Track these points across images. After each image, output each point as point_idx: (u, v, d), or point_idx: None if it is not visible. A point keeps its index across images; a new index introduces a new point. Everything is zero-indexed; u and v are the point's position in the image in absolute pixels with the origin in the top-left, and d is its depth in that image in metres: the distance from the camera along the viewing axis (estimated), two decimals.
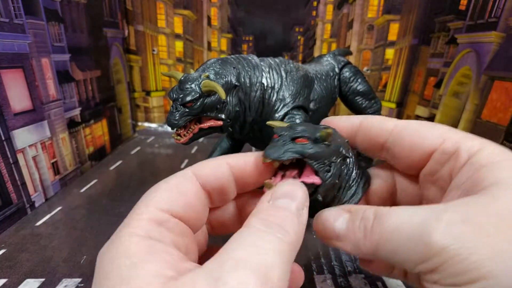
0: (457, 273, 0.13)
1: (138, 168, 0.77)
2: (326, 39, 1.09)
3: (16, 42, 0.51)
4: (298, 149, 0.17)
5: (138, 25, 0.99)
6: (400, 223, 0.15)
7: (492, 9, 0.65)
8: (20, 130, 0.52)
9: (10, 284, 0.39)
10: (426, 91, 0.90)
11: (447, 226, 0.14)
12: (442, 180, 0.19)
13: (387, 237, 0.15)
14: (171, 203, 0.16)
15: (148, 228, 0.15)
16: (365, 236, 0.16)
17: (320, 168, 0.18)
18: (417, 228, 0.14)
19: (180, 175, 0.18)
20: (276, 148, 0.17)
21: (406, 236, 0.15)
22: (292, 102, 0.45)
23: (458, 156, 0.17)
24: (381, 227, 0.16)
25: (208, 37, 1.10)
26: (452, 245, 0.13)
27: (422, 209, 0.15)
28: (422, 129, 0.19)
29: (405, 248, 0.15)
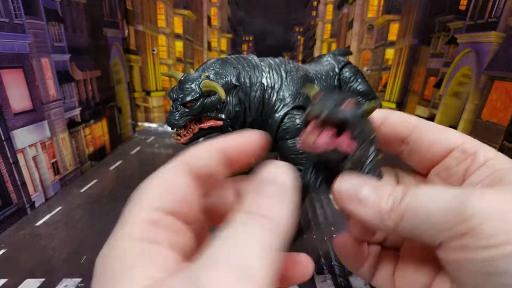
0: (493, 234, 0.14)
1: (138, 168, 0.77)
2: (326, 39, 1.09)
3: (16, 42, 0.51)
4: (347, 113, 0.17)
5: (138, 25, 0.99)
6: (431, 195, 0.16)
7: (492, 9, 0.65)
8: (20, 130, 0.52)
9: (10, 284, 0.39)
10: (426, 91, 0.90)
11: (483, 194, 0.15)
12: (455, 177, 0.20)
13: (414, 208, 0.16)
14: (164, 200, 0.15)
15: (143, 229, 0.14)
16: (391, 209, 0.17)
17: (357, 137, 0.18)
18: (452, 199, 0.15)
19: (171, 167, 0.17)
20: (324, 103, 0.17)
21: (437, 206, 0.15)
22: (292, 102, 0.45)
23: (476, 158, 0.19)
24: (411, 200, 0.16)
25: (208, 37, 1.10)
26: (489, 208, 0.14)
27: (454, 187, 0.16)
28: (443, 129, 0.21)
29: (434, 217, 0.15)
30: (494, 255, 0.14)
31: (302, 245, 0.46)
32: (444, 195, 0.16)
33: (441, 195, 0.16)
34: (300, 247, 0.45)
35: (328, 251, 0.44)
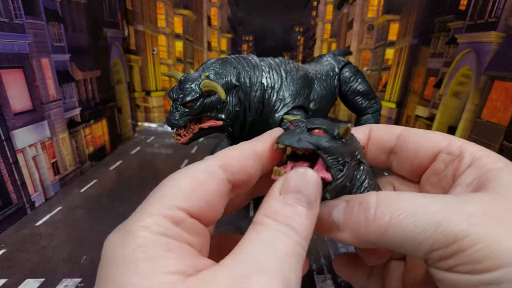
0: (478, 260, 0.13)
1: (138, 168, 0.77)
2: (326, 39, 1.09)
3: (16, 42, 0.51)
4: (314, 140, 0.16)
5: (138, 25, 0.99)
6: (415, 210, 0.15)
7: (492, 9, 0.65)
8: (20, 130, 0.52)
9: (10, 284, 0.39)
10: (426, 91, 0.90)
11: (469, 216, 0.14)
12: (445, 180, 0.19)
13: (398, 223, 0.15)
14: (193, 203, 0.15)
15: (164, 225, 0.14)
16: (366, 222, 0.16)
17: (333, 165, 0.17)
18: (436, 216, 0.14)
19: (206, 169, 0.16)
20: (291, 135, 0.17)
21: (422, 222, 0.14)
22: (292, 102, 0.45)
23: (462, 159, 0.18)
24: (392, 212, 0.15)
25: (208, 37, 1.10)
26: (475, 233, 0.13)
27: (438, 198, 0.15)
28: (427, 133, 0.21)
29: (420, 235, 0.14)
30: (481, 281, 0.13)
31: None
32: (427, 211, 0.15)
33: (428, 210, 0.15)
34: None
35: (328, 251, 0.44)
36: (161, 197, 0.15)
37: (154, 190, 0.16)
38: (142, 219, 0.14)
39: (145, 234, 0.13)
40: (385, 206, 0.16)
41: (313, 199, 0.15)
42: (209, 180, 0.16)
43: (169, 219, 0.14)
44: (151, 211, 0.14)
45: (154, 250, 0.13)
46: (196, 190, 0.15)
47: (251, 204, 0.55)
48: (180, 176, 0.16)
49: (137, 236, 0.13)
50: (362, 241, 0.16)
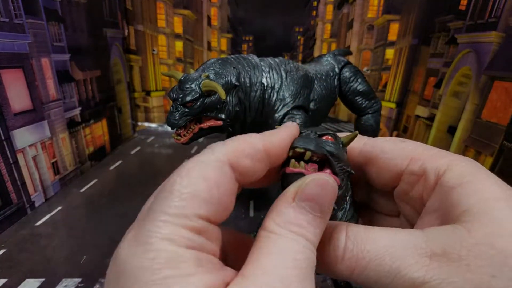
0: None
1: (138, 168, 0.77)
2: (326, 39, 1.09)
3: (16, 42, 0.51)
4: (329, 146, 0.17)
5: (138, 25, 0.99)
6: (378, 254, 0.15)
7: (492, 9, 0.65)
8: (20, 130, 0.52)
9: (10, 284, 0.39)
10: (426, 91, 0.90)
11: (428, 260, 0.14)
12: (414, 201, 0.18)
13: (366, 266, 0.15)
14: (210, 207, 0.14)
15: (188, 236, 0.13)
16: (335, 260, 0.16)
17: (339, 172, 0.17)
18: (397, 261, 0.14)
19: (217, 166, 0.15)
20: (308, 140, 0.17)
21: (385, 269, 0.14)
22: (292, 102, 0.45)
23: (426, 179, 0.17)
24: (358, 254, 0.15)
25: (208, 37, 1.10)
26: (432, 280, 0.13)
27: (400, 236, 0.15)
28: (388, 148, 0.18)
29: (383, 280, 0.15)
30: None
31: None
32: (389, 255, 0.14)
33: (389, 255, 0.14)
34: None
35: None
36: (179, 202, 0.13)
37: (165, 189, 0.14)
38: (161, 229, 0.13)
39: (171, 248, 0.12)
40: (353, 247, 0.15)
41: (327, 209, 0.15)
42: (221, 180, 0.15)
43: (192, 230, 0.13)
44: (170, 220, 0.13)
45: (184, 266, 0.12)
46: (213, 194, 0.14)
47: (251, 204, 0.55)
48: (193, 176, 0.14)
49: (162, 251, 0.12)
50: (335, 275, 0.16)
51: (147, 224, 0.13)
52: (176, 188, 0.14)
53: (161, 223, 0.13)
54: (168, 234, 0.12)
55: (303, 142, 0.17)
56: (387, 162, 0.18)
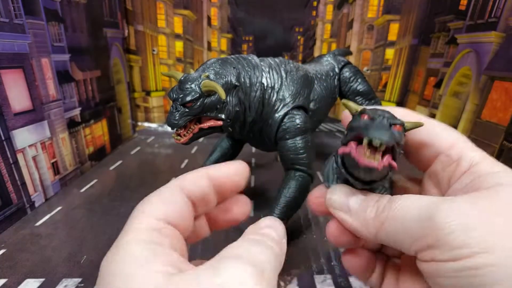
0: (456, 247, 0.14)
1: (138, 168, 0.77)
2: (326, 39, 1.09)
3: (16, 42, 0.51)
4: (398, 136, 0.18)
5: (138, 25, 0.99)
6: (407, 204, 0.17)
7: (492, 9, 0.65)
8: (20, 130, 0.52)
9: (10, 284, 0.39)
10: (426, 91, 0.90)
11: (452, 205, 0.15)
12: (442, 183, 0.20)
13: (393, 216, 0.17)
14: (166, 212, 0.17)
15: (150, 234, 0.16)
16: (374, 216, 0.18)
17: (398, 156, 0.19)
18: (423, 208, 0.16)
19: (168, 188, 0.19)
20: (382, 131, 0.18)
21: (411, 214, 0.16)
22: (292, 102, 0.45)
23: (460, 164, 0.19)
24: (390, 208, 0.17)
25: (208, 37, 1.10)
26: (454, 220, 0.14)
27: (431, 196, 0.17)
28: (436, 130, 0.20)
29: (409, 226, 0.16)
30: (458, 268, 0.14)
31: (302, 245, 0.46)
32: (417, 204, 0.16)
33: (414, 204, 0.16)
34: (301, 246, 0.45)
35: (328, 251, 0.44)
36: (139, 213, 0.17)
37: (132, 212, 0.18)
38: (128, 234, 0.16)
39: (133, 246, 0.15)
40: (388, 204, 0.17)
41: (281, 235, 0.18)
42: (172, 195, 0.19)
43: (151, 228, 0.16)
44: (134, 226, 0.16)
45: (141, 257, 0.14)
46: (165, 202, 0.18)
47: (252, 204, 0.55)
48: (150, 196, 0.19)
49: (126, 249, 0.15)
50: (365, 230, 0.18)
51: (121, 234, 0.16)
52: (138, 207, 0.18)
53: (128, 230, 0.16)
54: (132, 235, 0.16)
55: (379, 134, 0.17)
56: (432, 141, 0.20)
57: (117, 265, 0.14)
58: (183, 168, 0.76)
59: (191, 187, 0.20)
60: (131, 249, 0.15)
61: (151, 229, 0.16)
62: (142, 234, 0.16)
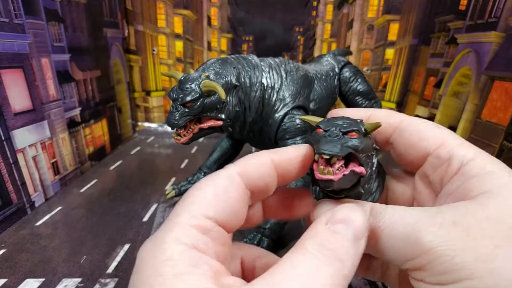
0: (443, 272, 0.14)
1: (138, 168, 0.77)
2: (326, 39, 1.09)
3: (16, 42, 0.51)
4: (353, 143, 0.18)
5: (138, 25, 0.99)
6: (394, 221, 0.16)
7: (492, 9, 0.65)
8: (20, 130, 0.52)
9: (10, 284, 0.39)
10: (426, 91, 0.90)
11: (438, 228, 0.14)
12: (434, 184, 0.19)
13: (381, 233, 0.16)
14: (219, 210, 0.16)
15: (194, 236, 0.14)
16: None
17: (364, 162, 0.18)
18: (410, 227, 0.15)
19: (226, 176, 0.17)
20: (332, 144, 0.17)
21: (398, 234, 0.15)
22: (292, 102, 0.45)
23: (451, 164, 0.18)
24: (375, 224, 0.16)
25: (208, 37, 1.10)
26: (440, 246, 0.14)
27: (416, 210, 0.16)
28: (423, 130, 0.19)
29: (396, 245, 0.15)
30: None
31: None
32: (404, 222, 0.15)
33: (401, 222, 0.15)
34: None
35: None
36: (188, 206, 0.15)
37: (181, 200, 0.16)
38: (172, 229, 0.14)
39: (174, 246, 0.14)
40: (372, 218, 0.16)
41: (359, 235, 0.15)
42: (230, 187, 0.16)
43: (198, 229, 0.15)
44: (180, 221, 0.15)
45: (180, 264, 0.13)
46: (220, 197, 0.16)
47: None
48: (203, 185, 0.16)
49: (166, 249, 0.14)
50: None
51: (165, 225, 0.15)
52: (188, 195, 0.16)
53: (174, 224, 0.15)
54: (176, 233, 0.14)
55: (328, 147, 0.17)
56: (419, 141, 0.19)
57: (155, 267, 0.13)
58: (183, 168, 0.76)
59: (253, 176, 0.17)
60: (171, 252, 0.14)
61: (198, 229, 0.15)
62: (187, 235, 0.14)
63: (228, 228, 0.16)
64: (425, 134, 0.19)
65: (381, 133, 0.21)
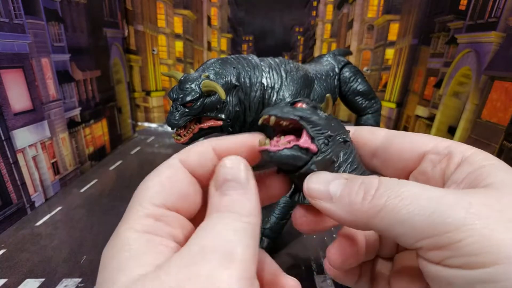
0: (472, 253, 0.12)
1: (138, 168, 0.77)
2: (326, 39, 1.09)
3: (16, 42, 0.51)
4: (297, 112, 0.17)
5: (138, 25, 0.99)
6: (416, 193, 0.14)
7: (492, 9, 0.65)
8: (20, 130, 0.52)
9: (10, 284, 0.39)
10: (426, 91, 0.90)
11: (468, 205, 0.13)
12: (434, 180, 0.18)
13: (394, 205, 0.15)
14: (165, 197, 0.17)
15: (146, 223, 0.16)
16: (363, 200, 0.16)
17: (317, 136, 0.18)
18: (435, 202, 0.14)
19: (169, 165, 0.18)
20: (276, 108, 0.18)
21: (419, 207, 0.14)
22: None
23: (452, 157, 0.17)
24: (391, 193, 0.15)
25: (208, 37, 1.10)
26: (473, 223, 0.13)
27: (437, 188, 0.15)
28: (412, 136, 0.20)
29: (415, 220, 0.14)
30: (475, 278, 0.12)
31: (302, 245, 0.46)
32: (427, 195, 0.14)
33: (424, 195, 0.14)
34: (301, 246, 0.45)
35: None
36: (138, 199, 0.17)
37: (132, 197, 0.17)
38: (126, 222, 0.16)
39: (129, 234, 0.15)
40: (385, 189, 0.15)
41: (244, 180, 0.17)
42: (173, 174, 0.17)
43: (149, 217, 0.16)
44: (133, 213, 0.16)
45: (136, 248, 0.14)
46: (165, 184, 0.17)
47: None
48: (149, 178, 0.17)
49: (122, 238, 0.15)
50: (354, 217, 0.16)
51: (121, 221, 0.16)
52: (137, 189, 0.17)
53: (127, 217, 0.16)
54: (130, 223, 0.15)
55: (269, 110, 0.17)
56: (412, 144, 0.19)
57: (112, 255, 0.14)
58: None
59: (194, 163, 0.18)
60: (126, 238, 0.15)
61: (149, 217, 0.16)
62: (139, 223, 0.15)
63: (183, 212, 0.17)
64: (416, 139, 0.19)
65: (366, 146, 0.21)
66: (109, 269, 0.14)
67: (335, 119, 0.19)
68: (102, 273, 0.14)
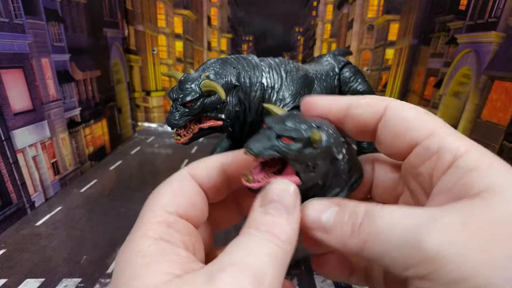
0: (451, 282, 0.12)
1: (138, 168, 0.77)
2: (326, 39, 1.09)
3: (16, 42, 0.51)
4: (281, 148, 0.17)
5: (138, 25, 0.99)
6: (392, 224, 0.14)
7: (492, 9, 0.65)
8: (20, 130, 0.52)
9: (10, 284, 0.39)
10: (426, 91, 0.90)
11: (443, 230, 0.13)
12: (422, 177, 0.17)
13: (377, 238, 0.15)
14: (177, 204, 0.17)
15: (159, 230, 0.16)
16: (352, 233, 0.16)
17: (302, 170, 0.17)
18: (411, 230, 0.14)
19: (179, 176, 0.19)
20: (260, 142, 0.17)
21: (397, 238, 0.14)
22: (292, 102, 0.45)
23: (441, 157, 0.16)
24: (371, 226, 0.15)
25: (208, 37, 1.10)
26: (446, 250, 0.12)
27: (416, 211, 0.15)
28: (411, 117, 0.18)
29: (396, 251, 0.14)
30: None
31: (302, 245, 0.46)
32: (403, 225, 0.14)
33: (399, 226, 0.14)
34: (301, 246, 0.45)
35: None
36: (151, 207, 0.17)
37: (144, 204, 0.18)
38: (140, 228, 0.16)
39: (142, 241, 0.15)
40: (368, 221, 0.15)
41: (291, 207, 0.16)
42: (183, 185, 0.18)
43: (162, 223, 0.16)
44: (146, 219, 0.16)
45: (149, 255, 0.15)
46: (176, 194, 0.18)
47: None
48: (161, 187, 0.18)
49: (136, 244, 0.15)
50: (347, 249, 0.16)
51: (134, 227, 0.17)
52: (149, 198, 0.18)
53: (141, 224, 0.16)
54: (143, 230, 0.16)
55: (252, 145, 0.17)
56: (407, 131, 0.18)
57: (127, 260, 0.15)
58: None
59: (202, 176, 0.19)
60: (141, 245, 0.15)
61: (162, 224, 0.16)
62: (153, 230, 0.16)
63: (192, 221, 0.18)
64: (413, 123, 0.18)
65: (364, 124, 0.19)
66: (124, 276, 0.14)
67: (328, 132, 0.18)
68: (117, 279, 0.14)
